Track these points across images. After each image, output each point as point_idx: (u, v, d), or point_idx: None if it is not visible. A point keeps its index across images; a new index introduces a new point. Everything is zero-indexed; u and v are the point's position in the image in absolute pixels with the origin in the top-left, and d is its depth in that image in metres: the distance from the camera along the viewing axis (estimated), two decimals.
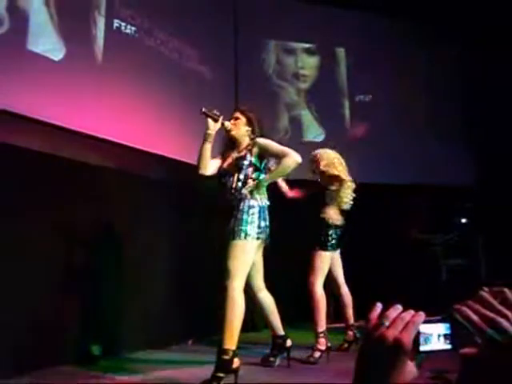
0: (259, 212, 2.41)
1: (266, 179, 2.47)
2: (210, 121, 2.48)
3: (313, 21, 5.25)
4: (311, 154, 3.16)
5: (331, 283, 3.13)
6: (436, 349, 0.58)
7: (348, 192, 3.08)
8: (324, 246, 2.98)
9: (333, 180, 3.07)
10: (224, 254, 2.35)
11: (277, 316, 2.68)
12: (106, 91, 3.34)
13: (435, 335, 0.58)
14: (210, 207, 2.81)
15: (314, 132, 5.23)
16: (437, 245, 4.83)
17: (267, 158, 2.55)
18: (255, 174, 2.48)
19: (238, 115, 2.61)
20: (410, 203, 4.99)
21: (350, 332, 3.19)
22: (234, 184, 2.46)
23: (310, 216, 3.14)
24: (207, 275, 3.64)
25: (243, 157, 2.50)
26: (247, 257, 2.36)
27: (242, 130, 2.57)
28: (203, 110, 2.48)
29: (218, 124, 2.50)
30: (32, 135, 2.78)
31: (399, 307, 0.60)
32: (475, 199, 4.99)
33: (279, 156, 2.44)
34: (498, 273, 3.88)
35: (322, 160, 3.09)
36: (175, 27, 4.05)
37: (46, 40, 2.95)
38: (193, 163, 3.53)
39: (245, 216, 2.37)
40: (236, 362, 2.26)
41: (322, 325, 2.89)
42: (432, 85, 5.46)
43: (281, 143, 2.58)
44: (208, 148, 2.50)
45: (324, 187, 3.11)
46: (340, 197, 3.06)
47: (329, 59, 5.40)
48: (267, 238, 2.47)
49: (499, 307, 0.56)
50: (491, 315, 0.55)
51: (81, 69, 3.15)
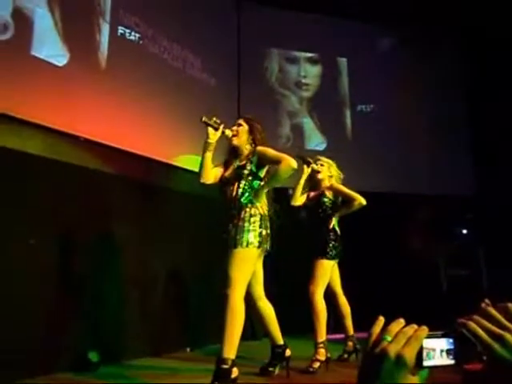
0: (260, 220, 2.39)
1: (264, 186, 2.46)
2: (211, 129, 2.43)
3: (315, 30, 5.29)
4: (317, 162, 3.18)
5: (329, 293, 3.12)
6: (439, 364, 0.57)
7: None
8: (326, 255, 2.98)
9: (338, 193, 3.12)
10: (225, 263, 2.34)
11: (276, 325, 2.65)
12: (109, 97, 3.35)
13: (438, 350, 0.57)
14: (211, 216, 2.80)
15: (316, 140, 5.24)
16: (438, 255, 4.81)
17: (268, 167, 2.53)
18: (255, 183, 2.47)
19: (241, 122, 2.60)
20: (411, 214, 4.97)
21: (350, 342, 3.16)
22: (234, 193, 2.44)
23: (311, 224, 3.14)
24: (207, 283, 3.63)
25: (243, 165, 2.48)
26: (248, 265, 2.34)
27: (243, 138, 2.55)
28: (203, 119, 2.42)
29: (219, 132, 2.46)
30: (34, 140, 2.78)
31: (402, 321, 0.59)
32: (476, 210, 4.98)
33: (275, 162, 2.42)
34: (500, 284, 3.86)
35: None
36: (179, 35, 4.08)
37: (50, 46, 2.96)
38: (195, 170, 3.52)
39: (246, 224, 2.36)
40: (235, 372, 2.24)
41: (322, 335, 2.86)
42: (433, 95, 5.47)
43: (283, 151, 2.56)
44: (208, 157, 2.47)
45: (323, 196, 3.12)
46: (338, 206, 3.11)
47: (331, 68, 5.43)
48: (268, 247, 2.45)
49: (506, 323, 0.55)
50: (499, 331, 0.54)
51: (84, 75, 3.17)
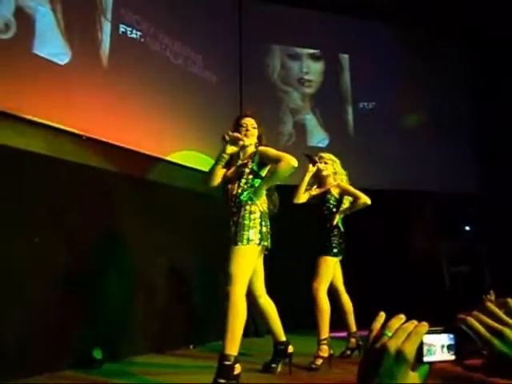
0: (260, 217, 2.41)
1: (263, 184, 2.47)
2: (229, 146, 2.47)
3: (318, 27, 5.27)
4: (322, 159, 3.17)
5: (331, 290, 3.12)
6: (440, 360, 0.57)
7: (350, 199, 3.12)
8: (329, 252, 2.98)
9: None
10: (226, 259, 2.35)
11: (278, 322, 2.66)
12: (111, 95, 3.36)
13: (439, 346, 0.57)
14: (214, 213, 2.80)
15: (319, 137, 5.24)
16: (441, 253, 4.80)
17: (269, 165, 2.53)
18: (256, 181, 2.49)
19: (255, 125, 2.62)
20: (414, 210, 4.96)
21: (353, 339, 3.16)
22: (235, 191, 2.47)
23: (314, 221, 3.14)
24: (210, 280, 3.64)
25: (245, 164, 2.51)
26: (249, 262, 2.36)
27: (253, 142, 2.60)
28: (227, 138, 2.44)
29: (238, 147, 2.50)
30: (36, 138, 2.79)
31: (402, 317, 0.59)
32: (480, 206, 4.97)
33: (275, 160, 2.43)
34: (502, 281, 3.85)
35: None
36: (180, 32, 4.07)
37: (52, 44, 2.97)
38: (196, 168, 3.53)
39: (246, 221, 2.37)
40: (237, 368, 2.25)
41: (325, 332, 2.86)
42: (436, 92, 5.45)
43: (284, 149, 2.57)
44: (220, 168, 2.52)
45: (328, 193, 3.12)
46: (344, 203, 3.11)
47: (333, 65, 5.41)
48: (268, 244, 2.46)
49: (506, 318, 0.55)
50: (499, 326, 0.54)
51: (86, 73, 3.17)
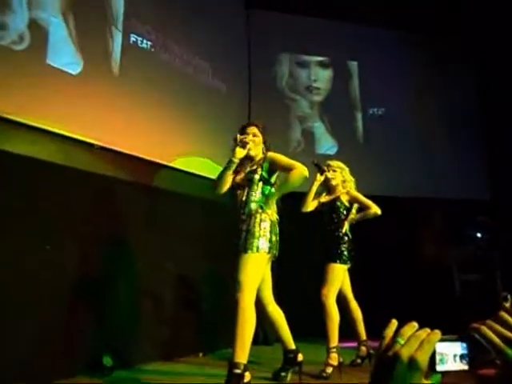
0: (270, 226, 2.41)
1: (275, 193, 2.47)
2: (239, 148, 2.47)
3: (326, 34, 5.29)
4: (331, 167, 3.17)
5: (340, 298, 3.10)
6: (452, 369, 0.57)
7: (357, 206, 3.13)
8: (338, 259, 2.97)
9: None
10: (235, 267, 2.35)
11: (287, 330, 2.65)
12: (123, 104, 3.39)
13: (451, 355, 0.57)
14: (224, 220, 2.81)
15: (327, 145, 5.23)
16: (452, 260, 4.74)
17: (278, 173, 2.54)
18: (265, 188, 2.49)
19: (257, 132, 2.61)
20: (425, 217, 4.92)
21: (363, 347, 3.14)
22: (245, 197, 2.47)
23: (323, 229, 3.13)
24: (220, 287, 3.64)
25: (254, 171, 2.51)
26: (258, 270, 2.35)
27: (259, 148, 2.60)
28: (239, 139, 2.46)
29: (246, 150, 2.50)
30: (48, 147, 2.82)
31: (415, 325, 0.59)
32: (492, 213, 4.91)
33: (287, 169, 2.43)
34: None
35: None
36: (190, 42, 4.12)
37: (65, 54, 3.02)
38: (206, 175, 3.53)
39: (256, 230, 2.37)
40: (247, 376, 2.24)
41: (335, 340, 2.85)
42: (445, 97, 5.42)
43: (293, 157, 2.58)
44: (230, 174, 2.51)
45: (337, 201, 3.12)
46: (352, 213, 3.12)
47: (342, 72, 5.42)
48: (277, 253, 2.46)
49: None
50: None
51: (98, 82, 3.22)
